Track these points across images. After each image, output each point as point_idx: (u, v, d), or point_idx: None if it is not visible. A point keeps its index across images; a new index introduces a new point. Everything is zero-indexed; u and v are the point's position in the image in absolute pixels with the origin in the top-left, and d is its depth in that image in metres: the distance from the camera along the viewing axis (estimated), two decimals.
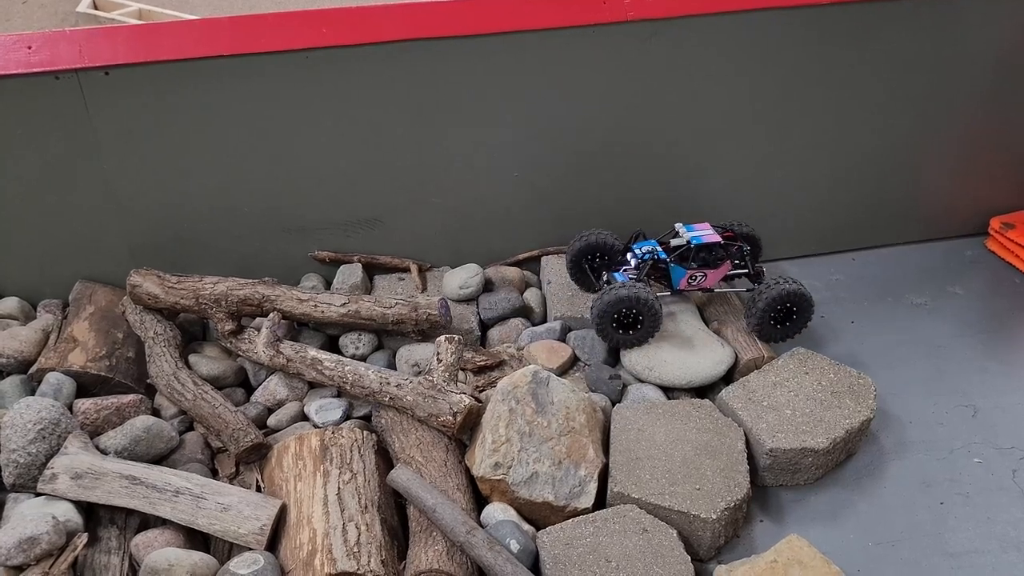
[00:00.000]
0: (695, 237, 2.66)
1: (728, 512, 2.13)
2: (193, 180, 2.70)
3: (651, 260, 2.64)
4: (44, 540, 1.92)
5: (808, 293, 2.59)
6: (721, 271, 2.69)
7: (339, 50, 2.56)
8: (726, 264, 2.69)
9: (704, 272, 2.65)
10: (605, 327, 2.54)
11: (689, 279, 2.66)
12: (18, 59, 2.43)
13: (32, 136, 2.53)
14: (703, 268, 2.65)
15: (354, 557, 1.97)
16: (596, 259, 2.79)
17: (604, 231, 2.78)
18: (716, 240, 2.66)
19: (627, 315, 2.51)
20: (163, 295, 2.59)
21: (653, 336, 2.58)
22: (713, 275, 2.68)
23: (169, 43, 2.50)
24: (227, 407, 2.37)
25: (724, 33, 2.72)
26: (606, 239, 2.75)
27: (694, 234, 2.68)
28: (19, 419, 2.15)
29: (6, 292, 2.77)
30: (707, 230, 2.70)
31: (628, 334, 2.55)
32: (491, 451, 2.18)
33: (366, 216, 2.87)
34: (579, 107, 2.79)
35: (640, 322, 2.52)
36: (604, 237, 2.75)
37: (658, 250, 2.66)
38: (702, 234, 2.68)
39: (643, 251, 2.66)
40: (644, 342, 2.58)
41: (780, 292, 2.55)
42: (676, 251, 2.65)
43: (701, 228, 2.72)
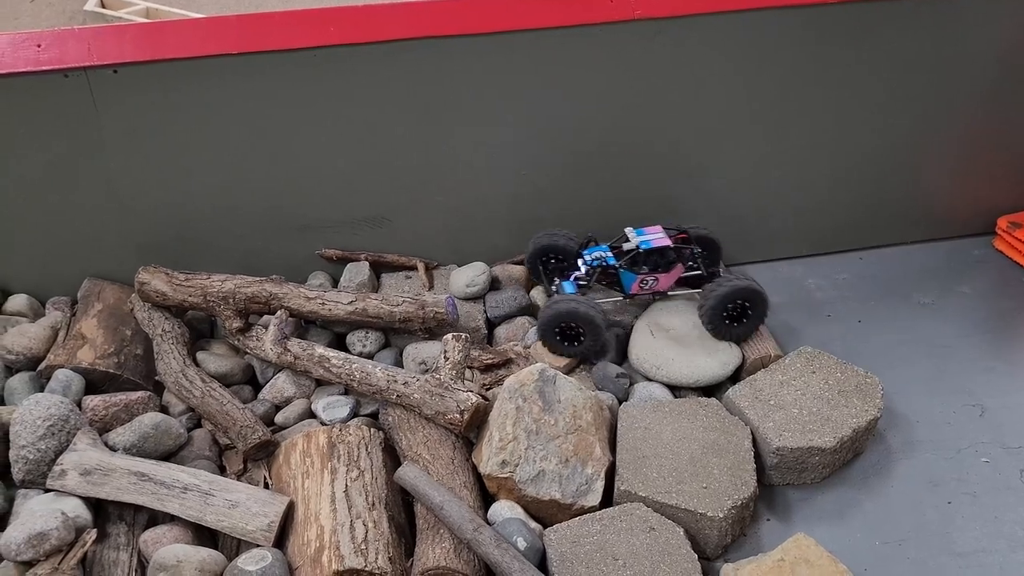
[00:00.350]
0: (644, 242, 2.64)
1: (735, 511, 2.13)
2: (199, 178, 2.70)
3: (599, 267, 2.63)
4: (53, 536, 1.93)
5: (761, 289, 2.55)
6: (673, 275, 2.67)
7: (345, 49, 2.56)
8: (678, 267, 2.66)
9: (655, 276, 2.64)
10: (550, 340, 2.55)
11: (640, 283, 2.64)
12: (27, 57, 2.44)
13: (41, 134, 2.53)
14: (654, 272, 2.63)
15: (361, 554, 1.97)
16: (552, 261, 2.79)
17: (561, 232, 2.77)
18: (665, 244, 2.63)
19: (569, 328, 2.51)
20: (171, 292, 2.60)
21: (605, 353, 2.58)
22: (665, 279, 2.66)
23: (177, 41, 2.51)
24: (235, 404, 2.37)
25: (728, 32, 2.72)
26: (559, 241, 2.75)
27: (643, 238, 2.65)
28: (28, 415, 2.16)
29: (15, 289, 2.78)
30: (658, 234, 2.68)
31: (574, 347, 2.54)
32: (498, 449, 2.19)
33: (373, 214, 2.87)
34: (583, 106, 2.78)
35: (582, 336, 2.52)
36: (558, 239, 2.75)
37: (607, 256, 2.65)
38: (651, 238, 2.66)
39: (592, 258, 2.65)
40: (593, 356, 2.58)
41: (730, 289, 2.52)
42: (625, 256, 2.64)
43: (652, 232, 2.69)
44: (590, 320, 2.49)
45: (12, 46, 2.45)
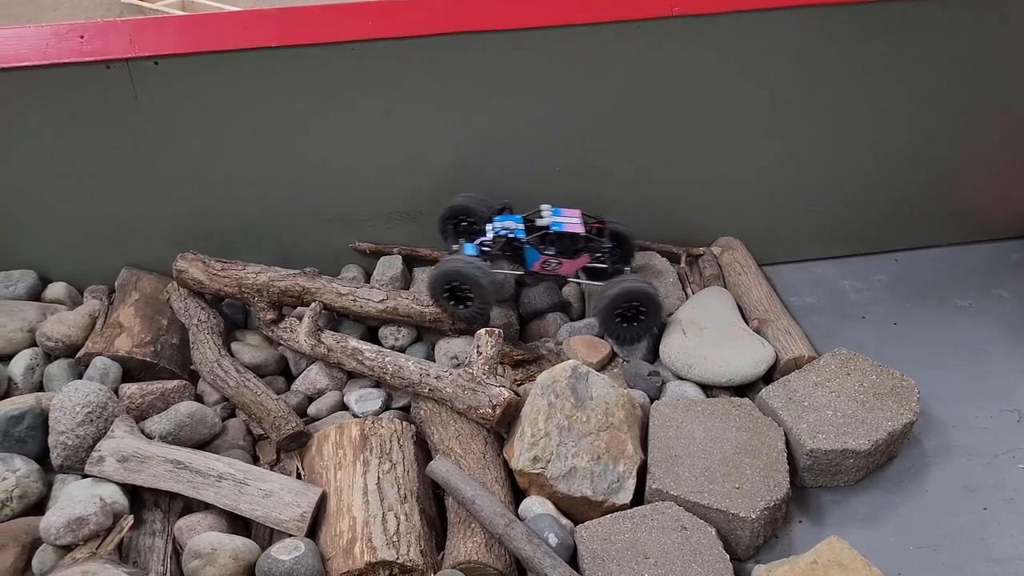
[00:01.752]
0: (556, 223, 2.59)
1: (768, 512, 2.12)
2: (237, 169, 2.73)
3: (504, 237, 2.57)
4: (92, 521, 1.96)
5: (653, 292, 2.51)
6: (577, 262, 2.62)
7: (383, 43, 2.57)
8: (584, 256, 2.62)
9: (559, 260, 2.59)
10: (439, 298, 2.52)
11: (543, 264, 2.60)
12: (71, 48, 2.47)
13: (82, 124, 2.57)
14: (559, 256, 2.59)
15: (393, 546, 1.99)
16: (463, 223, 2.75)
17: (479, 197, 2.72)
18: (577, 231, 2.58)
19: (459, 290, 2.48)
20: (207, 281, 2.63)
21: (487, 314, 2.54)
22: (569, 264, 2.61)
23: (217, 34, 2.53)
24: (269, 395, 2.39)
25: (766, 29, 2.69)
26: (473, 204, 2.70)
27: (556, 219, 2.60)
28: (68, 402, 2.19)
29: (54, 277, 2.82)
30: (574, 218, 2.62)
31: (461, 308, 2.51)
32: (530, 445, 2.19)
33: (408, 208, 2.88)
34: (619, 102, 2.77)
35: (470, 299, 2.48)
36: (473, 203, 2.70)
37: (514, 228, 2.59)
38: (565, 221, 2.60)
39: (500, 226, 2.60)
40: (478, 319, 2.53)
41: (621, 289, 2.48)
42: (534, 233, 2.59)
43: (569, 215, 2.63)
44: (475, 281, 2.44)
45: (56, 37, 2.48)
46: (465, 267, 2.43)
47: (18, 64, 2.45)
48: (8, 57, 2.45)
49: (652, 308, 2.53)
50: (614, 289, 2.50)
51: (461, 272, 2.43)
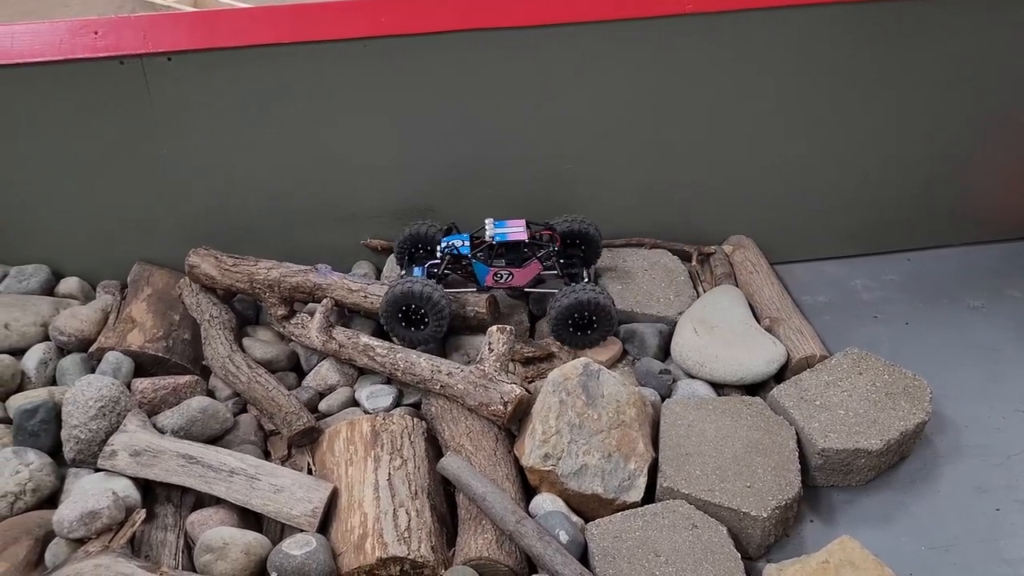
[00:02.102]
0: (500, 235, 2.58)
1: (779, 511, 2.11)
2: (249, 165, 2.73)
3: (448, 255, 2.57)
4: (105, 515, 1.97)
5: (606, 303, 2.49)
6: (529, 271, 2.61)
7: (396, 39, 2.57)
8: (534, 264, 2.61)
9: (510, 271, 2.59)
10: (393, 324, 2.50)
11: (495, 276, 2.60)
12: (85, 44, 2.48)
13: (95, 119, 2.58)
14: (509, 267, 2.59)
15: (404, 542, 1.99)
16: (420, 251, 2.75)
17: (429, 222, 2.73)
18: (520, 239, 2.57)
19: (413, 311, 2.47)
20: (219, 277, 2.64)
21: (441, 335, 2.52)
22: (520, 274, 2.61)
23: (229, 30, 2.54)
24: (280, 390, 2.40)
25: (779, 28, 2.68)
26: (427, 231, 2.71)
27: (500, 231, 2.59)
28: (81, 396, 2.20)
29: (67, 272, 2.83)
30: (517, 228, 2.61)
31: (419, 330, 2.51)
32: (541, 442, 2.19)
33: (418, 205, 2.88)
34: (632, 100, 2.77)
35: (425, 318, 2.48)
36: (426, 229, 2.71)
37: (456, 245, 2.59)
38: (508, 231, 2.59)
39: (445, 246, 2.60)
40: (434, 340, 2.53)
41: (573, 301, 2.48)
42: (479, 248, 2.59)
43: (513, 225, 2.62)
44: (428, 298, 2.43)
45: (70, 33, 2.49)
46: (415, 286, 2.43)
47: (33, 60, 2.46)
48: (23, 52, 2.46)
49: (604, 317, 2.53)
50: (566, 300, 2.49)
51: (413, 292, 2.42)
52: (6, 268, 2.78)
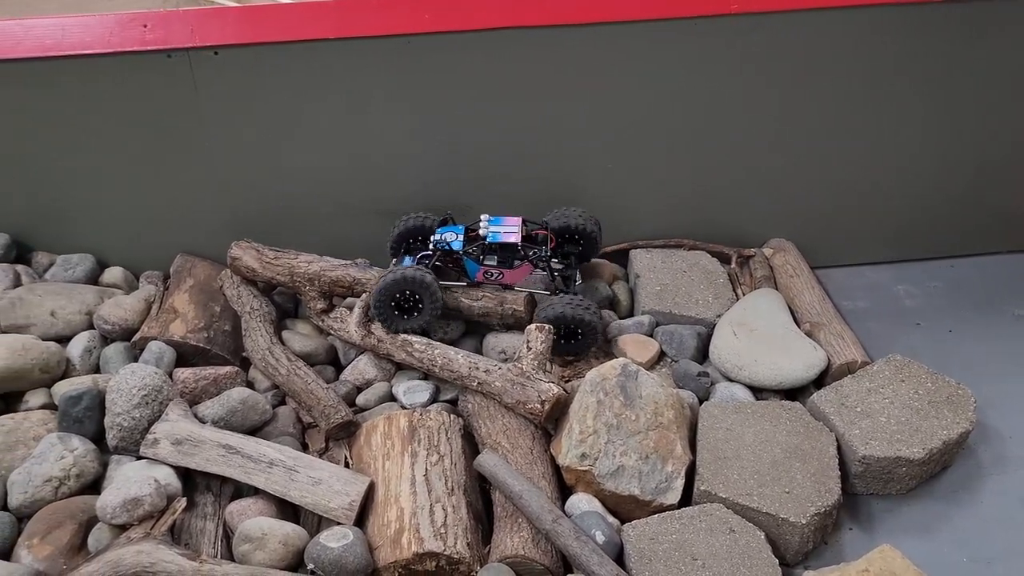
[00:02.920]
0: (493, 234, 2.54)
1: (818, 517, 2.09)
2: (291, 159, 2.75)
3: (439, 249, 2.54)
4: (147, 502, 1.99)
5: (591, 319, 2.46)
6: (520, 272, 2.58)
7: (440, 36, 2.58)
8: (525, 266, 2.58)
9: (500, 271, 2.56)
10: (386, 313, 2.47)
11: (485, 274, 2.58)
12: (133, 37, 2.51)
13: (142, 112, 2.61)
14: (500, 267, 2.56)
15: (441, 538, 1.99)
16: (416, 242, 2.72)
17: (425, 214, 2.70)
18: (513, 241, 2.53)
19: (406, 299, 2.44)
20: (260, 269, 2.66)
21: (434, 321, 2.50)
22: (511, 274, 2.58)
23: (276, 25, 2.56)
24: (319, 384, 2.41)
25: (826, 29, 2.65)
26: (423, 223, 2.68)
27: (495, 230, 2.56)
28: (124, 384, 2.23)
29: (111, 262, 2.87)
30: (512, 227, 2.57)
31: (411, 318, 2.48)
32: (578, 441, 2.18)
33: (457, 202, 2.89)
34: (673, 100, 2.75)
35: (420, 304, 2.45)
36: (422, 221, 2.68)
37: (448, 240, 2.55)
38: (502, 231, 2.55)
39: (438, 239, 2.57)
40: (427, 327, 2.51)
41: (556, 314, 2.45)
42: (471, 245, 2.56)
43: (508, 224, 2.58)
44: (422, 283, 2.40)
45: (120, 26, 2.52)
46: (409, 272, 2.41)
47: (83, 52, 2.49)
48: (74, 44, 2.50)
49: (589, 332, 2.51)
50: (550, 312, 2.46)
51: (407, 277, 2.40)
52: (53, 257, 2.82)
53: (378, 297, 2.44)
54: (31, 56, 2.49)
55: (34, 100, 2.56)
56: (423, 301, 2.45)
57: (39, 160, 2.68)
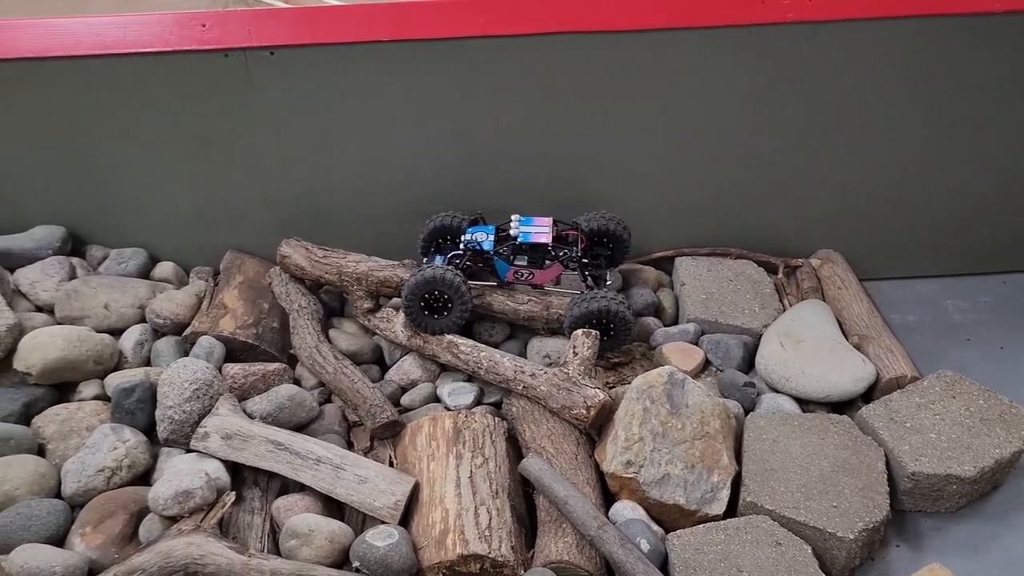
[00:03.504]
0: (524, 234, 2.54)
1: (866, 533, 2.06)
2: (341, 160, 2.78)
3: (470, 249, 2.55)
4: (198, 495, 2.02)
5: (625, 312, 2.46)
6: (550, 272, 2.58)
7: (491, 40, 2.59)
8: (556, 266, 2.57)
9: (531, 271, 2.56)
10: (414, 310, 2.47)
11: (515, 274, 2.57)
12: (192, 36, 2.55)
13: (198, 110, 2.65)
14: (531, 267, 2.55)
15: (485, 540, 2.00)
16: (447, 241, 2.72)
17: (455, 213, 2.70)
18: (544, 242, 2.53)
19: (436, 298, 2.45)
20: (309, 268, 2.69)
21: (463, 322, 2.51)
22: (541, 275, 2.57)
23: (330, 27, 2.58)
24: (365, 383, 2.43)
25: (883, 38, 2.62)
26: (452, 222, 2.68)
27: (526, 230, 2.56)
28: (176, 378, 2.26)
29: (162, 257, 2.92)
30: (543, 227, 2.57)
31: (440, 317, 2.48)
32: (623, 448, 2.18)
33: (499, 205, 2.89)
34: (723, 108, 2.74)
35: (449, 305, 2.45)
36: (451, 220, 2.68)
37: (479, 240, 2.56)
38: (533, 232, 2.55)
39: (468, 238, 2.57)
40: (456, 328, 2.51)
41: (593, 308, 2.45)
42: (502, 245, 2.55)
43: (539, 224, 2.58)
44: (453, 285, 2.41)
45: (179, 25, 2.56)
46: (440, 271, 2.42)
47: (143, 50, 2.54)
48: (134, 42, 2.54)
49: (622, 326, 2.50)
50: (583, 307, 2.46)
51: (437, 278, 2.41)
52: (106, 250, 2.87)
53: (407, 297, 2.45)
54: (92, 53, 2.54)
55: (93, 97, 2.61)
56: (452, 301, 2.46)
57: (95, 155, 2.73)
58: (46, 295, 2.62)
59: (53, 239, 2.78)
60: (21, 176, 2.77)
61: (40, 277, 2.66)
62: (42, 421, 2.29)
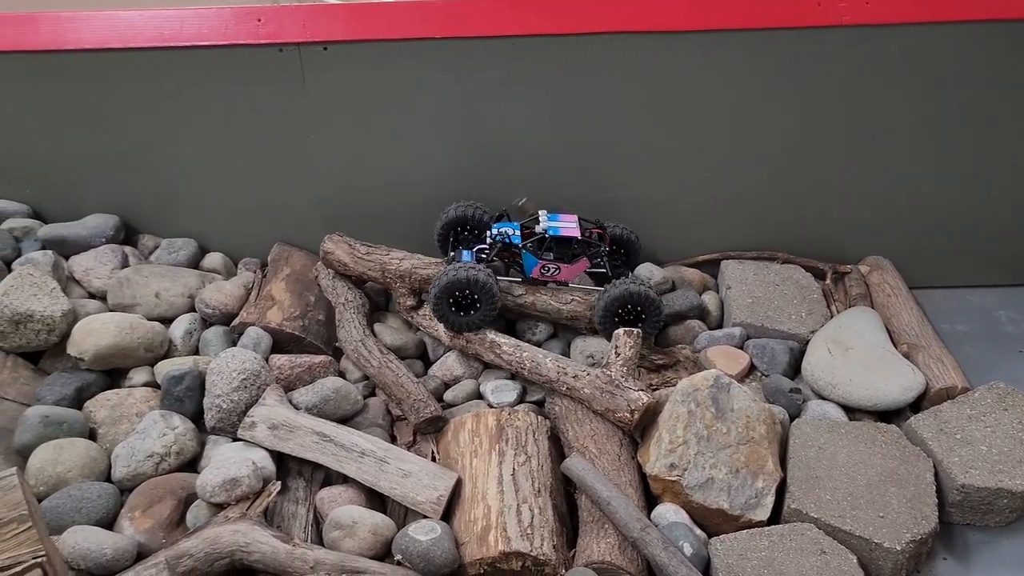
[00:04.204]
0: (552, 228, 2.55)
1: (913, 545, 2.03)
2: (390, 155, 2.80)
3: (500, 243, 2.54)
4: (245, 483, 2.05)
5: (654, 296, 2.50)
6: (577, 267, 2.58)
7: (544, 39, 2.59)
8: (583, 261, 2.57)
9: (558, 265, 2.55)
10: (443, 309, 2.47)
11: (542, 269, 2.56)
12: (248, 30, 2.58)
13: (251, 103, 2.69)
14: (558, 261, 2.55)
15: (527, 538, 2.00)
16: (464, 232, 2.71)
17: (475, 204, 2.70)
18: (573, 235, 2.53)
19: (465, 297, 2.44)
20: (352, 264, 2.71)
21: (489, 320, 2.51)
22: (568, 270, 2.57)
23: (384, 23, 2.60)
24: (410, 377, 2.45)
25: (940, 43, 2.58)
26: (474, 213, 2.67)
27: (553, 224, 2.56)
28: (225, 367, 2.29)
29: (211, 247, 2.96)
30: (571, 223, 2.58)
31: (467, 315, 2.48)
32: (667, 451, 2.17)
33: (545, 206, 2.88)
34: (773, 111, 2.71)
35: (477, 304, 2.46)
36: (472, 211, 2.68)
37: (509, 234, 2.56)
38: (561, 226, 2.56)
39: (497, 232, 2.57)
40: (482, 326, 2.52)
41: (622, 292, 2.47)
42: (531, 239, 2.54)
43: (565, 220, 2.60)
44: (485, 286, 2.43)
45: (235, 19, 2.60)
46: (473, 272, 2.43)
47: (200, 43, 2.58)
48: (191, 36, 2.58)
49: (652, 311, 2.53)
50: (615, 292, 2.49)
51: (470, 279, 2.42)
52: (158, 240, 2.92)
53: (437, 295, 2.46)
54: (150, 46, 2.58)
55: (150, 88, 2.66)
56: (480, 301, 2.47)
57: (150, 146, 2.78)
58: (99, 282, 2.67)
59: (107, 228, 2.83)
60: (78, 165, 2.83)
61: (94, 264, 2.71)
62: (94, 406, 2.34)
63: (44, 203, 2.91)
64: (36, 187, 2.88)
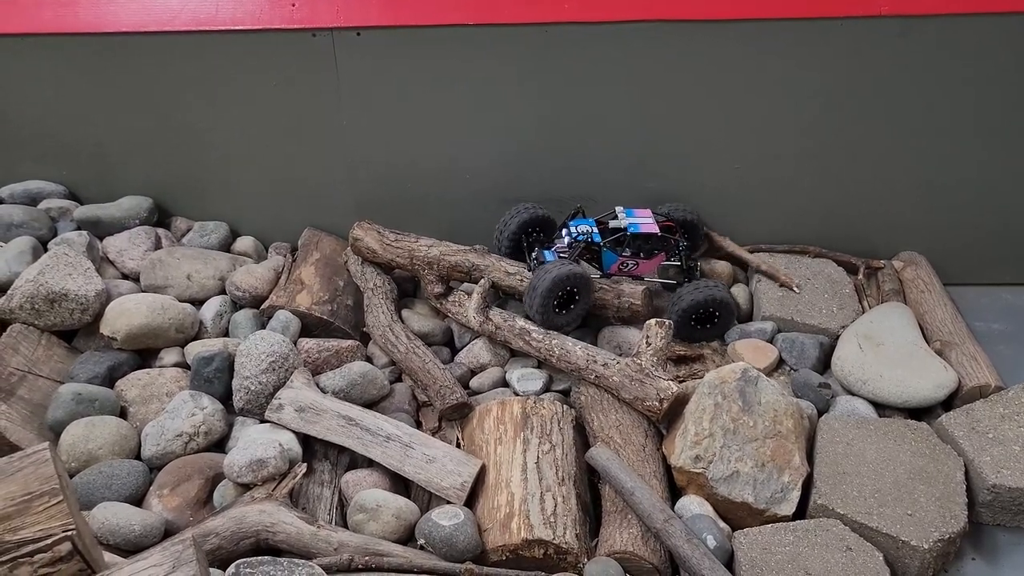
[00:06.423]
0: (633, 224, 2.56)
1: (941, 544, 2.01)
2: (421, 143, 2.80)
3: (585, 242, 2.55)
4: (271, 464, 2.07)
5: (730, 299, 2.57)
6: (654, 262, 2.60)
7: (576, 26, 2.57)
8: (659, 256, 2.60)
9: (636, 261, 2.57)
10: (548, 308, 2.44)
11: (620, 265, 2.58)
12: (282, 15, 2.60)
13: (285, 88, 2.70)
14: (635, 257, 2.56)
15: (550, 526, 2.00)
16: (533, 234, 2.70)
17: (541, 206, 2.70)
18: (654, 231, 2.55)
19: (568, 294, 2.45)
20: (380, 251, 2.72)
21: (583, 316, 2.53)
22: (645, 265, 2.59)
23: (418, 9, 2.60)
24: (436, 364, 2.45)
25: (980, 35, 2.52)
26: (539, 213, 2.67)
27: (632, 221, 2.58)
28: (254, 350, 2.31)
29: (242, 231, 2.99)
30: (647, 218, 2.61)
31: (568, 312, 2.49)
32: (692, 443, 2.15)
33: (580, 193, 2.88)
34: (811, 102, 2.67)
35: (577, 300, 2.46)
36: (542, 212, 2.68)
37: (594, 232, 2.57)
38: (640, 222, 2.58)
39: (579, 231, 2.58)
40: (578, 322, 2.54)
41: (699, 299, 2.52)
42: (612, 236, 2.54)
43: (641, 215, 2.62)
44: (586, 282, 2.45)
45: (270, 3, 2.61)
46: (575, 268, 2.43)
47: (234, 27, 2.59)
48: (226, 20, 2.60)
49: (727, 313, 2.56)
50: (697, 296, 2.52)
51: (575, 273, 2.42)
52: (190, 222, 2.95)
53: (545, 296, 2.42)
54: (186, 29, 2.60)
55: (185, 72, 2.68)
56: (580, 295, 2.48)
57: (184, 130, 2.81)
58: (132, 263, 2.71)
59: (140, 210, 2.87)
60: (113, 147, 2.86)
61: (127, 246, 2.75)
62: (125, 385, 2.37)
63: (80, 184, 2.96)
64: (72, 169, 2.92)
